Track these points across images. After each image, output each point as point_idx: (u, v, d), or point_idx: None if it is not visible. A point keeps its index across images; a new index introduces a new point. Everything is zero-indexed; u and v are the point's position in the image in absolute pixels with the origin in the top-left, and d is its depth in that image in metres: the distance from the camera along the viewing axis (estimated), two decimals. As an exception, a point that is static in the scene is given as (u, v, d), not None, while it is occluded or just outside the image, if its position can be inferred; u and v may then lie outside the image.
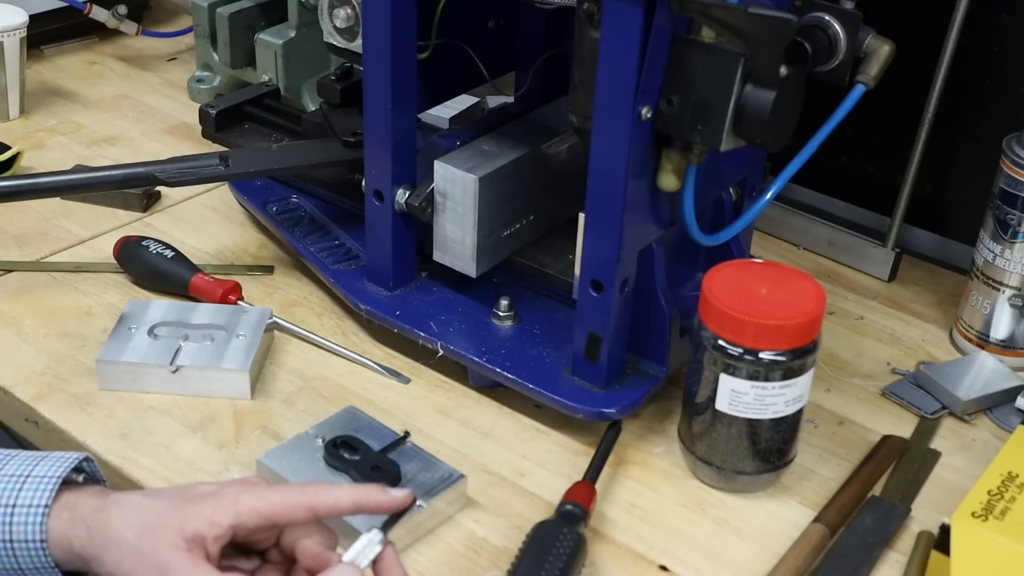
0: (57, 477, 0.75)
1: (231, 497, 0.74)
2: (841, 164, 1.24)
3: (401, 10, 0.92)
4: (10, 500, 0.74)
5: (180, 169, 1.04)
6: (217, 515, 0.73)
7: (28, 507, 0.74)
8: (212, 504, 0.74)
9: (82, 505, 0.75)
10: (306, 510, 0.74)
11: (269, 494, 0.74)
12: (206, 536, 0.72)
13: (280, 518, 0.74)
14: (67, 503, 0.74)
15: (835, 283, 1.17)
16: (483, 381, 0.98)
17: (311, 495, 0.74)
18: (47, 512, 0.74)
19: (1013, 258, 1.01)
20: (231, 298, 1.05)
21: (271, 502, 0.74)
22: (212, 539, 0.73)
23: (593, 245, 0.88)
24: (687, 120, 0.82)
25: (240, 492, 0.75)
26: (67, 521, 0.74)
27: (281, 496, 0.74)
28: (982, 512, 0.78)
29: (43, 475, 0.75)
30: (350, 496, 0.75)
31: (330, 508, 0.75)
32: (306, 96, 1.36)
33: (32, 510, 0.73)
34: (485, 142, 1.00)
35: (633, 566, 0.84)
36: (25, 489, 0.74)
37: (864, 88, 0.89)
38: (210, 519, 0.73)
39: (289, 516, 0.74)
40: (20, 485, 0.74)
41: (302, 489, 0.75)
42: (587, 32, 0.83)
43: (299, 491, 0.74)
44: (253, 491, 0.75)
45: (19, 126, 1.38)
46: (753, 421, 0.86)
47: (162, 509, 0.74)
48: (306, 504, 0.74)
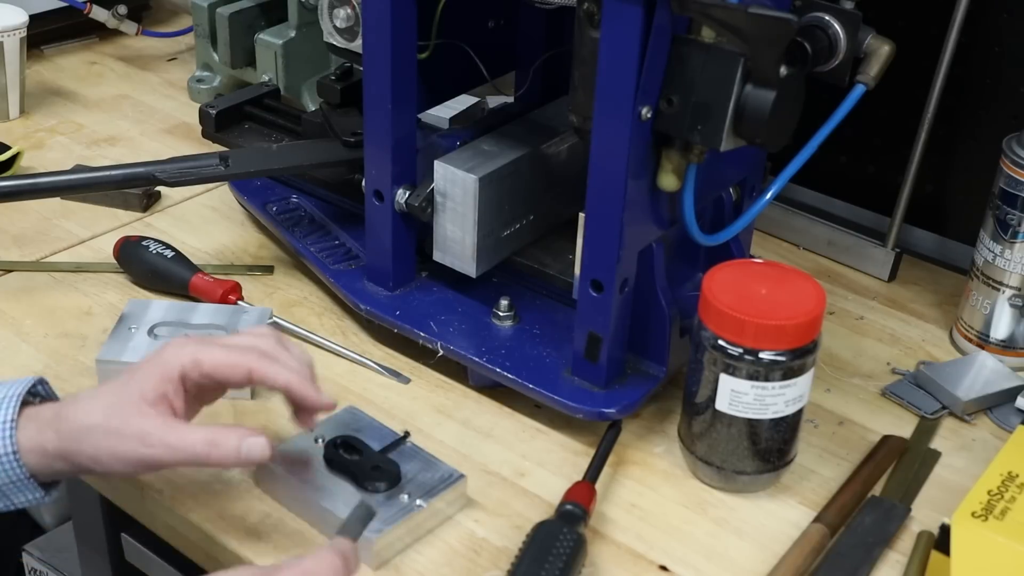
0: (17, 396, 0.79)
1: (172, 352, 0.80)
2: (841, 164, 1.24)
3: (401, 10, 0.92)
4: None
5: (180, 169, 1.04)
6: (164, 369, 0.79)
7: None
8: (158, 364, 0.79)
9: (43, 414, 0.79)
10: (244, 374, 0.80)
11: (211, 349, 0.80)
12: (166, 393, 0.78)
13: (217, 375, 0.80)
14: (30, 416, 0.79)
15: (835, 283, 1.17)
16: (483, 381, 0.98)
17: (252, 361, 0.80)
18: (14, 426, 0.77)
19: (1013, 258, 1.01)
20: (231, 298, 1.06)
21: (210, 357, 0.80)
22: (172, 392, 0.78)
23: (593, 245, 0.88)
24: (687, 120, 0.83)
25: (180, 346, 0.80)
26: (34, 430, 0.78)
27: (223, 354, 0.80)
28: (982, 512, 0.78)
29: (2, 396, 0.79)
30: (285, 378, 0.80)
31: (263, 378, 0.80)
32: (306, 96, 1.36)
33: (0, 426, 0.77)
34: (485, 142, 1.00)
35: (633, 566, 0.84)
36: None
37: (864, 88, 0.89)
38: (160, 376, 0.78)
39: (227, 375, 0.80)
40: None
41: (242, 354, 0.80)
42: (587, 32, 0.83)
43: (239, 355, 0.80)
44: (200, 342, 0.81)
45: (19, 126, 1.38)
46: (753, 421, 0.86)
47: (116, 388, 0.79)
48: (246, 369, 0.80)
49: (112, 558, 1.18)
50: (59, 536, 1.46)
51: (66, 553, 1.40)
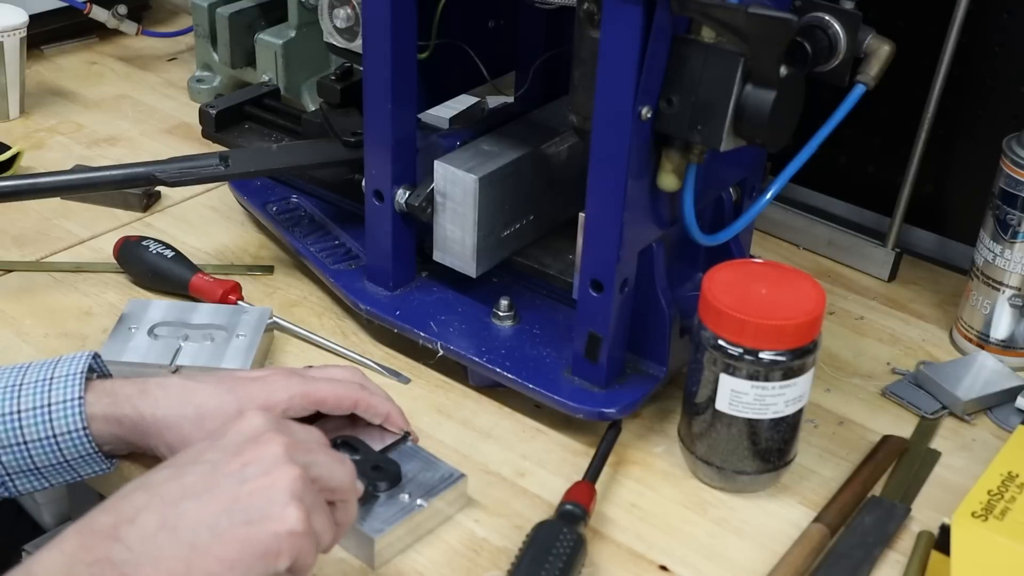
0: (81, 373, 0.81)
1: (280, 382, 0.84)
2: (841, 164, 1.24)
3: (401, 10, 0.92)
4: (44, 401, 0.80)
5: (180, 169, 1.04)
6: (271, 399, 0.83)
7: (63, 402, 0.80)
8: (264, 389, 0.83)
9: (120, 390, 0.82)
10: (352, 404, 0.86)
11: (321, 384, 0.85)
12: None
13: (327, 406, 0.85)
14: (103, 390, 0.82)
15: (835, 283, 1.17)
16: (483, 381, 0.97)
17: (357, 392, 0.86)
18: (82, 403, 0.80)
19: (1013, 258, 1.01)
20: (231, 298, 1.06)
21: (323, 390, 0.84)
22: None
23: (593, 245, 0.88)
24: (687, 120, 0.83)
25: (287, 377, 0.85)
26: (110, 404, 0.81)
27: (332, 387, 0.85)
28: (982, 512, 0.78)
29: (66, 374, 0.81)
30: (386, 409, 0.87)
31: (367, 408, 0.87)
32: (306, 96, 1.36)
33: (68, 404, 0.80)
34: (485, 142, 1.00)
35: (633, 566, 0.84)
36: (54, 389, 0.80)
37: (864, 88, 0.89)
38: (264, 403, 0.82)
39: (335, 406, 0.85)
40: (48, 387, 0.81)
41: (347, 387, 0.86)
42: (587, 32, 0.83)
43: (345, 388, 0.86)
44: (300, 379, 0.85)
45: (19, 126, 1.38)
46: (753, 421, 0.86)
47: (212, 392, 0.82)
48: (353, 400, 0.86)
49: (112, 558, 1.17)
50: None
51: (66, 553, 1.40)
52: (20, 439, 0.80)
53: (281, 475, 0.67)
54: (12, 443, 0.80)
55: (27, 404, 0.80)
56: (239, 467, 0.67)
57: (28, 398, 0.80)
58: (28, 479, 0.82)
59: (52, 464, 0.81)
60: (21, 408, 0.80)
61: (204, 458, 0.68)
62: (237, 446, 0.69)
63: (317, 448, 0.72)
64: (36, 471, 0.81)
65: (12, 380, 0.81)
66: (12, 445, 0.80)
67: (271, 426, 0.70)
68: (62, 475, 0.82)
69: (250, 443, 0.69)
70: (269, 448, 0.68)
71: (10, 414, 0.80)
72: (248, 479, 0.66)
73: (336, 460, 0.72)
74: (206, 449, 0.69)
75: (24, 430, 0.80)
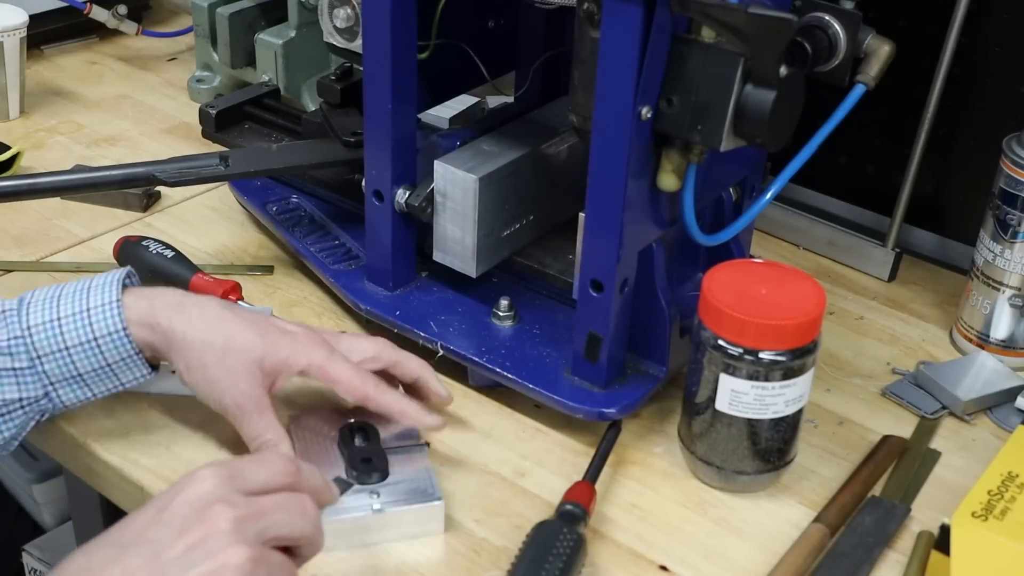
0: (117, 280, 0.83)
1: (306, 346, 0.85)
2: (841, 164, 1.24)
3: (401, 10, 0.92)
4: (82, 306, 0.82)
5: (180, 169, 1.04)
6: (292, 358, 0.85)
7: (101, 306, 0.82)
8: (290, 345, 0.85)
9: (159, 298, 0.84)
10: (360, 398, 0.86)
11: (341, 365, 0.86)
12: (277, 372, 0.84)
13: (338, 388, 0.86)
14: (141, 295, 0.84)
15: (835, 283, 1.17)
16: (483, 381, 0.98)
17: (370, 389, 0.86)
18: (120, 304, 0.82)
19: (1013, 258, 1.02)
20: (231, 298, 1.05)
21: (339, 372, 0.86)
22: (283, 376, 0.85)
23: (593, 245, 0.88)
24: (687, 120, 0.83)
25: (314, 346, 0.86)
26: (147, 309, 0.83)
27: (350, 373, 0.86)
28: (982, 512, 0.79)
29: (103, 283, 0.83)
30: (401, 407, 0.87)
31: (380, 407, 0.86)
32: (306, 96, 1.36)
33: (106, 307, 0.82)
34: (485, 142, 1.00)
35: (633, 566, 0.84)
36: (92, 295, 0.82)
37: (864, 88, 0.89)
38: (285, 360, 0.85)
39: (345, 392, 0.86)
40: (86, 295, 0.83)
41: (364, 380, 0.86)
42: (587, 32, 0.83)
43: (361, 380, 0.86)
44: (327, 349, 0.86)
45: (19, 126, 1.38)
46: (753, 421, 0.86)
47: (244, 328, 0.84)
48: (363, 394, 0.86)
49: (112, 558, 1.18)
50: (59, 536, 1.46)
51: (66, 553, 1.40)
52: (62, 344, 0.81)
53: (228, 559, 0.63)
54: (55, 349, 0.82)
55: (67, 311, 0.82)
56: (183, 551, 0.63)
57: (67, 305, 0.82)
58: (72, 388, 0.83)
59: (94, 369, 0.82)
60: (61, 315, 0.82)
61: (147, 536, 0.64)
62: (184, 520, 0.64)
63: (274, 506, 0.67)
64: (79, 378, 0.83)
65: (50, 293, 0.84)
66: (54, 352, 0.82)
67: (219, 494, 0.66)
68: (104, 382, 0.84)
69: (196, 518, 0.64)
70: (216, 525, 0.64)
71: (50, 321, 0.82)
72: (193, 565, 0.63)
73: (296, 511, 0.68)
74: (150, 524, 0.65)
75: (65, 335, 0.81)
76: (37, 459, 1.50)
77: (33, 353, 0.82)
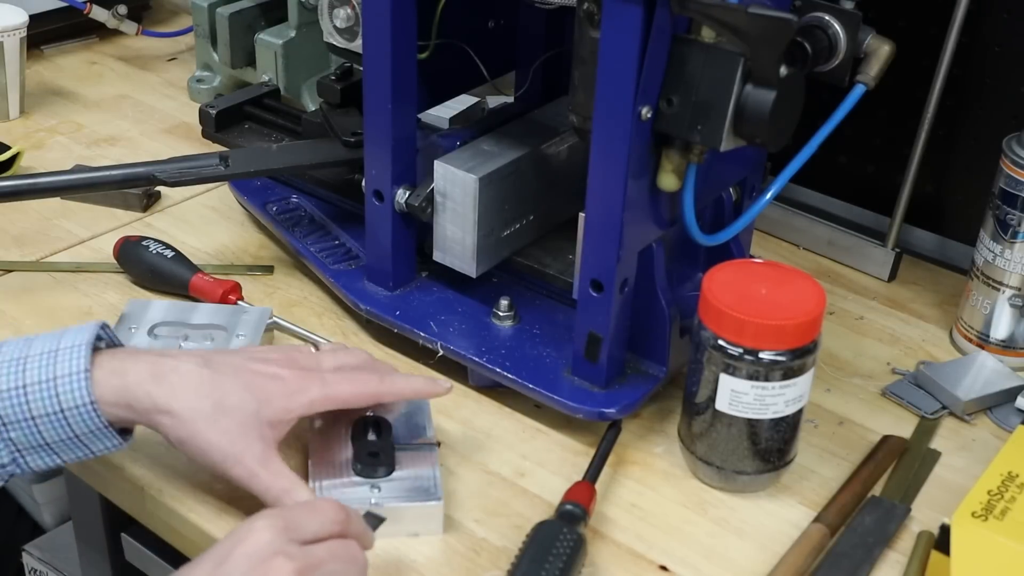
0: (87, 343, 0.78)
1: (299, 387, 0.82)
2: (841, 164, 1.24)
3: (401, 10, 0.92)
4: (49, 375, 0.77)
5: (180, 169, 1.04)
6: (291, 403, 0.82)
7: (69, 375, 0.77)
8: (282, 390, 0.82)
9: (131, 369, 0.79)
10: (371, 399, 0.86)
11: (339, 385, 0.83)
12: (280, 421, 0.81)
13: (348, 406, 0.85)
14: (113, 369, 0.78)
15: (835, 283, 1.17)
16: (483, 381, 0.98)
17: (375, 386, 0.85)
18: (88, 376, 0.77)
19: (1013, 258, 1.02)
20: (231, 298, 1.06)
21: (341, 392, 0.84)
22: (285, 424, 0.82)
23: (593, 245, 0.88)
24: (687, 120, 0.83)
25: (305, 382, 0.83)
26: (120, 387, 0.78)
27: (350, 386, 0.84)
28: (982, 512, 0.79)
29: (71, 345, 0.78)
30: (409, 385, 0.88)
31: (391, 394, 0.87)
32: (306, 96, 1.36)
33: (74, 377, 0.77)
34: (485, 142, 1.00)
35: (633, 566, 0.84)
36: (60, 362, 0.77)
37: (864, 88, 0.89)
38: (285, 407, 0.82)
39: (356, 404, 0.86)
40: (53, 360, 0.78)
41: (365, 382, 0.85)
42: (587, 32, 0.83)
43: (363, 383, 0.85)
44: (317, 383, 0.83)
45: (19, 126, 1.38)
46: (753, 421, 0.86)
47: (231, 388, 0.80)
48: (372, 394, 0.85)
49: (112, 558, 1.18)
50: (59, 536, 1.46)
51: (66, 553, 1.40)
52: (27, 414, 0.77)
53: None
54: (20, 419, 0.77)
55: (32, 377, 0.77)
56: None
57: (34, 371, 0.77)
58: (39, 455, 0.79)
59: (62, 439, 0.78)
60: (27, 382, 0.77)
61: None
62: (244, 574, 0.67)
63: (328, 555, 0.70)
64: (47, 447, 0.79)
65: (18, 353, 0.79)
66: (20, 421, 0.77)
67: (276, 547, 0.68)
68: (73, 451, 0.79)
69: (257, 572, 0.67)
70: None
71: (16, 388, 0.77)
72: None
73: (348, 559, 0.71)
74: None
75: (31, 404, 0.77)
76: (37, 459, 1.49)
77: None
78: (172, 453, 0.90)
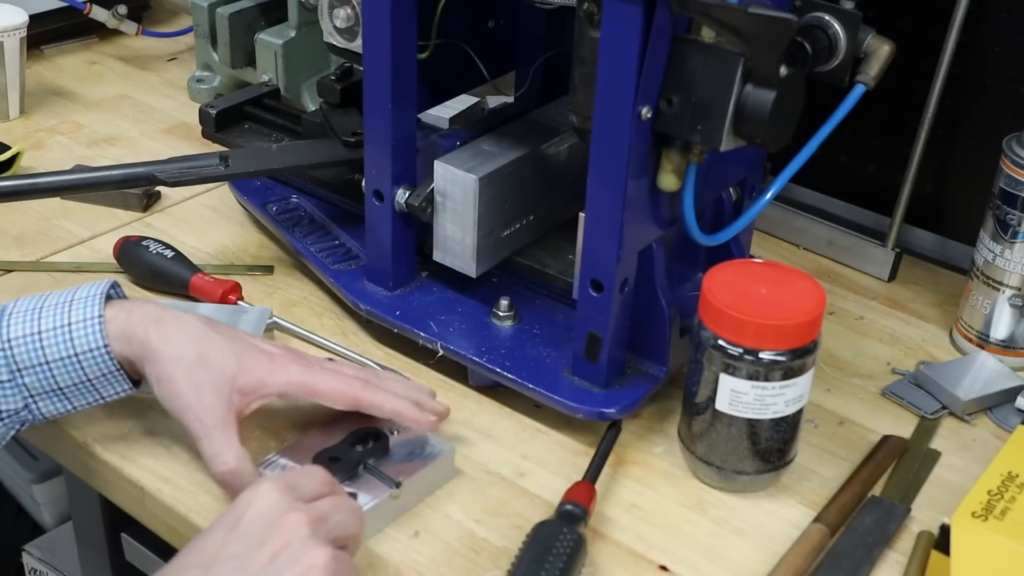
0: (100, 294, 0.82)
1: (283, 365, 0.84)
2: (841, 164, 1.24)
3: (401, 10, 0.92)
4: (64, 320, 0.81)
5: (180, 169, 1.04)
6: (269, 378, 0.83)
7: (83, 321, 0.81)
8: (267, 365, 0.83)
9: (138, 309, 0.83)
10: (350, 401, 0.85)
11: (321, 375, 0.84)
12: (252, 392, 0.83)
13: (324, 398, 0.85)
14: (122, 306, 0.82)
15: (835, 283, 1.17)
16: (483, 381, 0.98)
17: (357, 390, 0.85)
18: (102, 320, 0.81)
19: (1013, 258, 1.02)
20: (231, 298, 1.06)
21: (321, 382, 0.84)
22: (256, 396, 0.83)
23: (593, 245, 0.88)
24: (687, 120, 0.83)
25: (292, 363, 0.84)
26: (125, 321, 0.82)
27: (332, 381, 0.84)
28: (982, 512, 0.79)
29: (86, 296, 0.82)
30: (393, 405, 0.85)
31: (372, 406, 0.85)
32: (306, 96, 1.36)
33: (88, 322, 0.81)
34: (485, 142, 1.00)
35: (633, 566, 0.84)
36: (74, 310, 0.81)
37: (864, 88, 0.89)
38: (262, 379, 0.83)
39: (333, 400, 0.85)
40: (68, 308, 0.82)
41: (349, 382, 0.85)
42: (587, 32, 0.83)
43: (346, 383, 0.85)
44: (304, 364, 0.84)
45: (19, 126, 1.38)
46: (753, 421, 0.86)
47: (220, 346, 0.82)
48: (352, 396, 0.85)
49: (112, 558, 1.18)
50: (59, 536, 1.46)
51: (66, 553, 1.40)
52: (42, 359, 0.81)
53: (314, 560, 0.67)
54: (35, 363, 0.81)
55: (48, 324, 0.81)
56: (269, 559, 0.67)
57: (49, 319, 0.81)
58: (52, 400, 0.82)
59: (75, 383, 0.82)
60: (42, 328, 0.81)
61: (228, 552, 0.68)
62: (260, 533, 0.68)
63: (332, 509, 0.72)
64: (59, 391, 0.82)
65: (32, 304, 0.83)
66: (35, 365, 0.81)
67: (287, 504, 0.70)
68: (85, 396, 0.83)
69: (274, 528, 0.68)
70: (295, 531, 0.68)
71: (31, 335, 0.81)
72: (282, 571, 0.67)
73: (348, 510, 0.73)
74: (226, 541, 0.68)
75: (46, 349, 0.81)
76: (37, 459, 1.50)
77: (13, 366, 0.81)
78: (172, 453, 0.90)
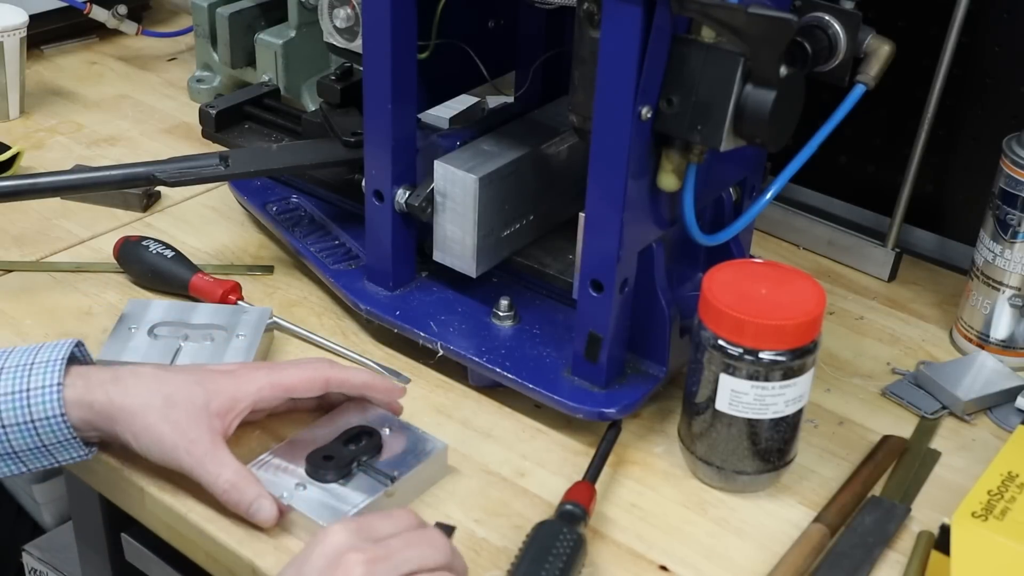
0: (62, 359, 0.82)
1: (247, 378, 0.85)
2: (841, 164, 1.24)
3: (401, 10, 0.92)
4: (23, 386, 0.81)
5: (180, 169, 1.04)
6: (240, 392, 0.84)
7: (42, 388, 0.81)
8: (232, 382, 0.84)
9: (94, 375, 0.83)
10: (322, 383, 0.86)
11: (287, 369, 0.86)
12: (230, 411, 0.83)
13: (297, 391, 0.86)
14: (79, 374, 0.82)
15: (835, 283, 1.17)
16: (483, 381, 0.98)
17: (325, 371, 0.86)
18: (60, 389, 0.81)
19: (1013, 258, 1.02)
20: (231, 298, 1.06)
21: (288, 376, 0.85)
22: (235, 414, 0.84)
23: (593, 245, 0.88)
24: (687, 120, 0.83)
25: (255, 370, 0.85)
26: (83, 388, 0.82)
27: (299, 371, 0.86)
28: (982, 512, 0.79)
29: (47, 360, 0.82)
30: (362, 378, 0.88)
31: (342, 383, 0.87)
32: (306, 96, 1.36)
33: (47, 389, 0.81)
34: (485, 142, 1.00)
35: (633, 566, 0.84)
36: (34, 374, 0.81)
37: (864, 88, 0.89)
38: (233, 396, 0.84)
39: (306, 388, 0.85)
40: (28, 372, 0.81)
41: (315, 366, 0.87)
42: (587, 32, 0.83)
43: (313, 368, 0.86)
44: (267, 368, 0.86)
45: (19, 126, 1.38)
46: (753, 421, 0.86)
47: (182, 383, 0.83)
48: (322, 379, 0.86)
49: (112, 558, 1.18)
50: (59, 536, 1.46)
51: (66, 553, 1.40)
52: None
53: None
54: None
55: (6, 388, 0.81)
56: None
57: (8, 382, 0.81)
58: (5, 463, 0.83)
59: (30, 448, 0.82)
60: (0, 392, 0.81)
61: None
62: (320, 571, 0.70)
63: (403, 544, 0.73)
64: (14, 455, 0.82)
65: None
66: None
67: (351, 543, 0.71)
68: (40, 460, 0.83)
69: (332, 567, 0.70)
70: (350, 570, 0.70)
71: None
72: None
73: (425, 544, 0.74)
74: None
75: (3, 414, 0.81)
76: (37, 459, 1.49)
77: None
78: (172, 453, 0.90)
